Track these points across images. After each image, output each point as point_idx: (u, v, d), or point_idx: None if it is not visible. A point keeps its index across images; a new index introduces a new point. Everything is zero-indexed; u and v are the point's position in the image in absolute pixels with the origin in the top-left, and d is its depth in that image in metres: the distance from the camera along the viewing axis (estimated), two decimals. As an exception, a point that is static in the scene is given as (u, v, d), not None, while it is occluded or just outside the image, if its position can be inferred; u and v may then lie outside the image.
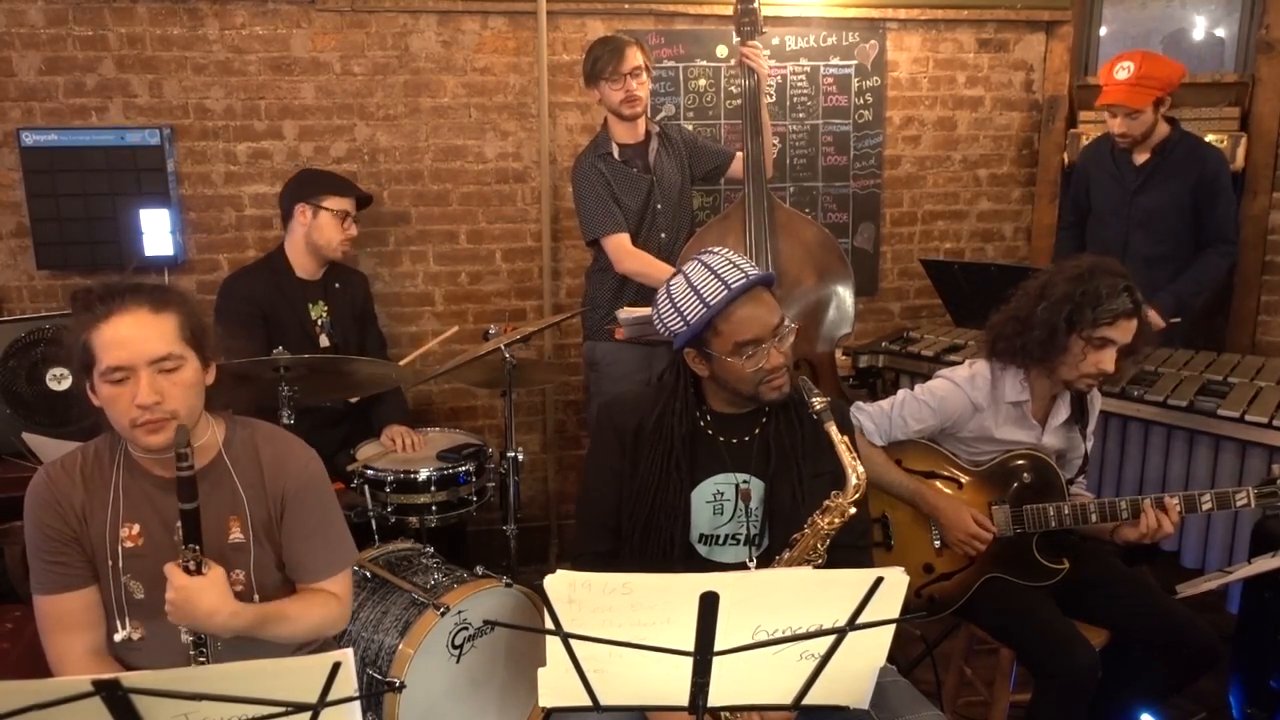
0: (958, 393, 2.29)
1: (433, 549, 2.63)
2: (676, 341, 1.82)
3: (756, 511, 1.86)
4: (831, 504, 1.75)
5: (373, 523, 2.74)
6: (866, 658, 1.37)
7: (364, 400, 3.02)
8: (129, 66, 3.31)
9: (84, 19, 3.25)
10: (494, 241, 3.69)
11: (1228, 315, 3.80)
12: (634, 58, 2.99)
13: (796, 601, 1.29)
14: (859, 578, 1.27)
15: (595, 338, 3.19)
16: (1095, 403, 2.41)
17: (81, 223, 3.26)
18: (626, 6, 3.57)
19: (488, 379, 3.09)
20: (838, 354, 3.27)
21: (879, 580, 1.26)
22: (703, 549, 1.88)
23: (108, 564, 1.67)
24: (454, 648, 2.35)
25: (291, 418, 2.52)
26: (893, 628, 1.33)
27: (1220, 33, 3.96)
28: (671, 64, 3.66)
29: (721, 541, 1.88)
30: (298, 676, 1.13)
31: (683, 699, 1.34)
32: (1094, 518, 2.23)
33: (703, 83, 3.70)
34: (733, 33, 3.17)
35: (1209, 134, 3.61)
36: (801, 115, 3.80)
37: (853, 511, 1.75)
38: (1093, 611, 2.29)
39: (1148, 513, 2.17)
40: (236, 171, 3.45)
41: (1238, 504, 2.16)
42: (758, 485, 1.86)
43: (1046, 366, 2.22)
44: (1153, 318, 3.08)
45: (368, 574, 2.47)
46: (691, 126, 3.59)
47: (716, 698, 1.35)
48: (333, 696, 1.14)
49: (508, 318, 3.68)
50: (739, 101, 3.45)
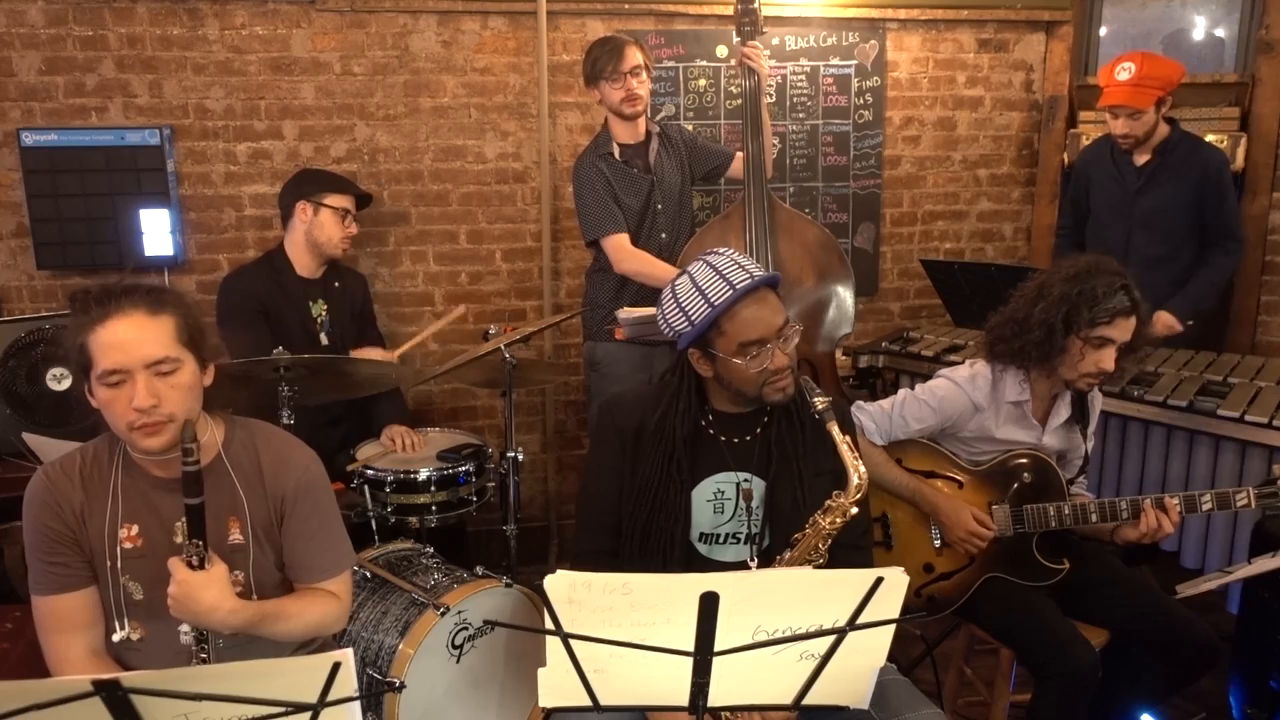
0: (958, 392, 2.30)
1: (433, 549, 2.64)
2: (681, 342, 1.82)
3: (757, 511, 1.86)
4: (833, 504, 1.75)
5: (373, 523, 2.74)
6: (866, 658, 1.37)
7: (364, 400, 3.02)
8: (129, 66, 3.31)
9: (84, 19, 3.25)
10: (494, 241, 3.69)
11: (1228, 315, 3.80)
12: (633, 57, 2.99)
13: (796, 601, 1.29)
14: (859, 578, 1.27)
15: (595, 338, 3.19)
16: (1096, 403, 2.41)
17: (81, 223, 3.26)
18: (626, 6, 3.57)
19: (488, 379, 3.09)
20: (838, 354, 3.27)
21: (879, 580, 1.26)
22: (703, 548, 1.88)
23: (106, 564, 1.66)
24: (454, 648, 2.35)
25: (291, 418, 2.52)
26: (893, 628, 1.33)
27: (1220, 33, 3.96)
28: (671, 64, 3.66)
29: (722, 540, 1.88)
30: (298, 676, 1.14)
31: (683, 699, 1.34)
32: (1094, 518, 2.23)
33: (703, 83, 3.70)
34: (733, 33, 3.17)
35: (1209, 134, 3.61)
36: (801, 115, 3.80)
37: (854, 511, 1.75)
38: (1093, 611, 2.29)
39: (1148, 513, 2.17)
40: (236, 171, 3.45)
41: (1238, 504, 2.15)
42: (759, 484, 1.86)
43: (1046, 367, 2.22)
44: (1169, 322, 3.10)
45: (368, 574, 2.47)
46: (691, 126, 3.59)
47: (716, 698, 1.35)
48: (333, 696, 1.14)
49: (508, 318, 3.68)
50: (739, 101, 3.45)
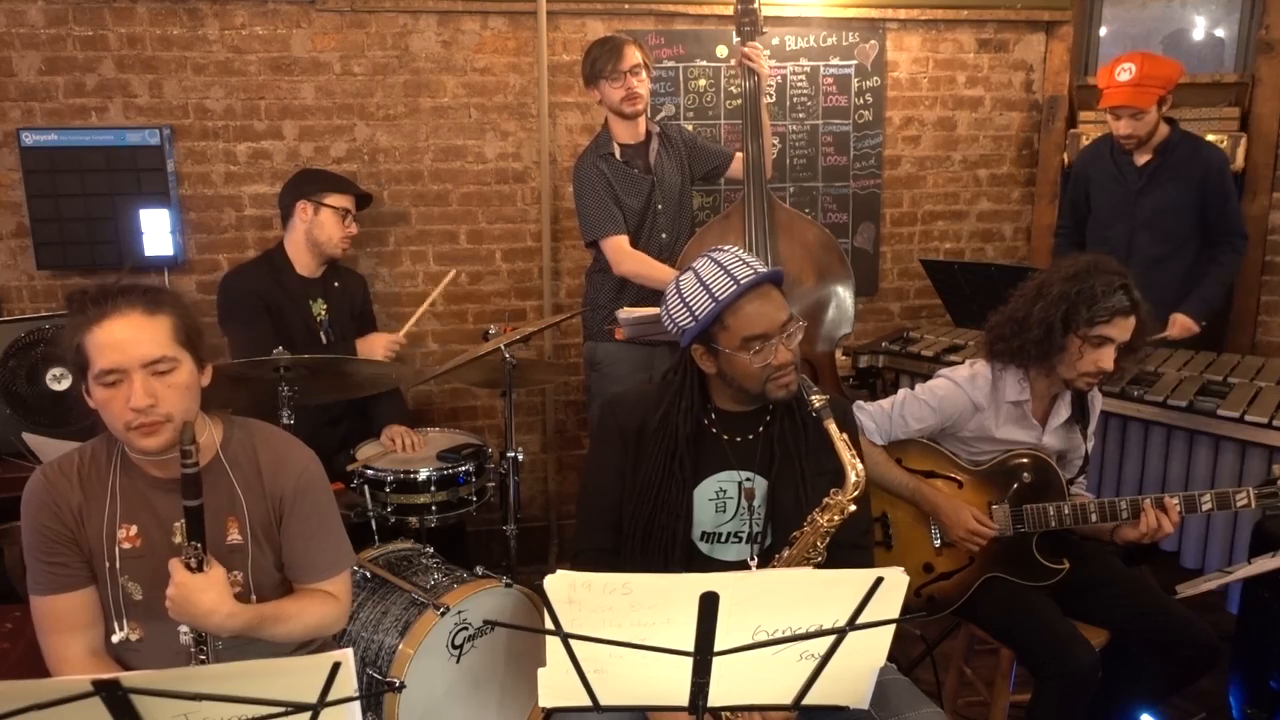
0: (958, 392, 2.30)
1: (433, 549, 2.63)
2: (684, 338, 1.82)
3: (759, 510, 1.86)
4: (831, 501, 1.75)
5: (373, 523, 2.74)
6: (866, 658, 1.37)
7: (364, 400, 3.02)
8: (129, 66, 3.31)
9: (84, 19, 3.25)
10: (494, 241, 3.69)
11: (1228, 315, 3.80)
12: (633, 56, 2.98)
13: (796, 602, 1.29)
14: (859, 578, 1.27)
15: (595, 338, 3.19)
16: (1096, 403, 2.41)
17: (81, 223, 3.25)
18: (626, 6, 3.57)
19: (488, 379, 3.09)
20: (838, 354, 3.27)
21: (879, 580, 1.26)
22: (704, 546, 1.88)
23: (105, 565, 1.66)
24: (454, 648, 2.35)
25: (291, 418, 2.52)
26: (893, 628, 1.32)
27: (1220, 33, 3.96)
28: (671, 64, 3.66)
29: (724, 539, 1.88)
30: (298, 676, 1.13)
31: (683, 699, 1.34)
32: (1094, 518, 2.23)
33: (703, 83, 3.70)
34: (733, 33, 3.17)
35: (1209, 134, 3.61)
36: (801, 115, 3.80)
37: (852, 509, 1.75)
38: (1093, 611, 2.29)
39: (1148, 513, 2.17)
40: (236, 171, 3.45)
41: (1238, 504, 2.15)
42: (761, 483, 1.86)
43: (1045, 366, 2.22)
44: (1187, 325, 3.12)
45: (368, 574, 2.47)
46: (691, 126, 3.59)
47: (716, 698, 1.35)
48: (333, 696, 1.14)
49: (508, 318, 3.68)
50: (739, 101, 3.45)
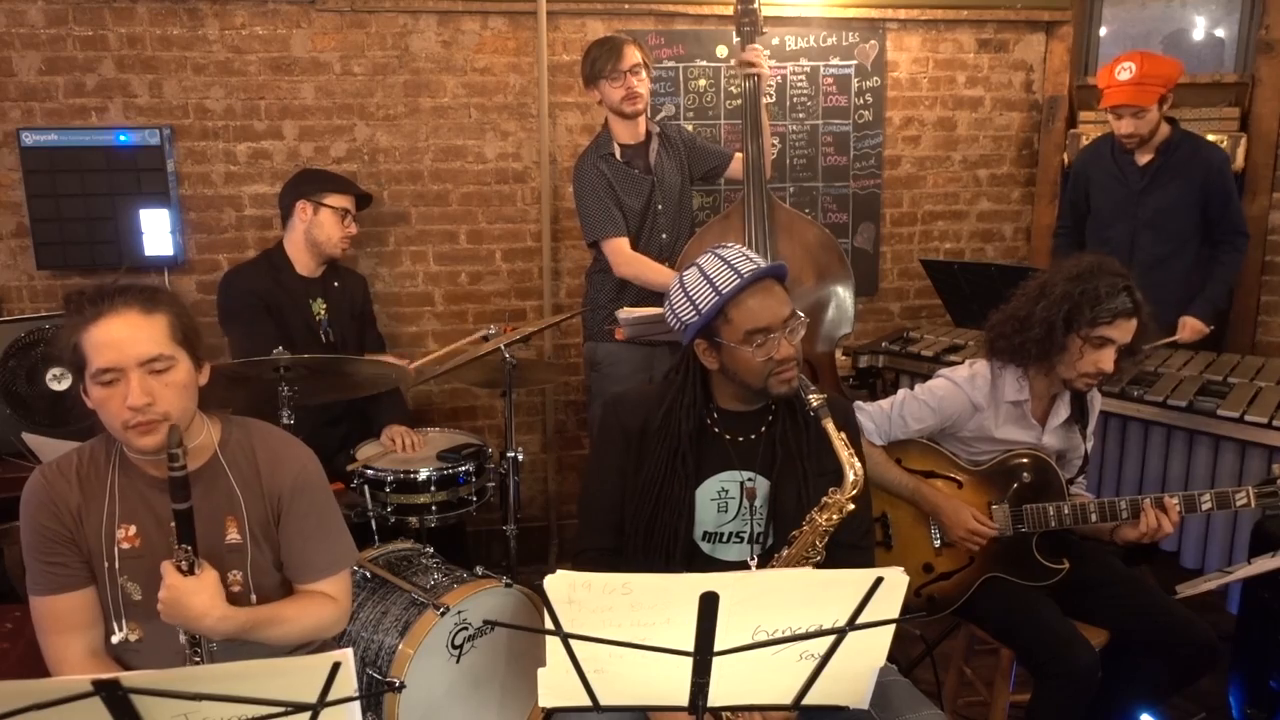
0: (957, 392, 2.29)
1: (433, 549, 2.63)
2: (687, 333, 1.82)
3: (761, 510, 1.86)
4: (830, 500, 1.75)
5: (373, 523, 2.74)
6: (866, 658, 1.37)
7: (364, 400, 3.02)
8: (129, 66, 3.31)
9: (84, 19, 3.25)
10: (494, 241, 3.69)
11: (1228, 315, 3.80)
12: (632, 55, 2.98)
13: (796, 602, 1.29)
14: (859, 578, 1.27)
15: (595, 338, 3.19)
16: (1095, 403, 2.41)
17: (81, 223, 3.26)
18: (626, 7, 3.57)
19: (488, 379, 3.09)
20: (838, 354, 3.27)
21: (879, 580, 1.26)
22: (706, 546, 1.88)
23: (104, 565, 1.66)
24: (454, 648, 2.35)
25: (291, 418, 2.52)
26: (892, 628, 1.32)
27: (1220, 33, 3.96)
28: (671, 64, 3.66)
29: (725, 539, 1.88)
30: (298, 676, 1.13)
31: (683, 699, 1.34)
32: (1094, 518, 2.23)
33: (703, 83, 3.70)
34: (733, 33, 3.17)
35: (1209, 134, 3.61)
36: (801, 115, 3.80)
37: (851, 508, 1.75)
38: (1093, 611, 2.29)
39: (1147, 513, 2.17)
40: (236, 171, 3.45)
41: (1237, 504, 2.15)
42: (763, 483, 1.86)
43: (1045, 366, 2.22)
44: (1197, 327, 3.13)
45: (368, 574, 2.47)
46: (691, 127, 3.59)
47: (716, 698, 1.35)
48: (332, 696, 1.14)
49: (508, 318, 3.68)
50: (739, 102, 3.45)
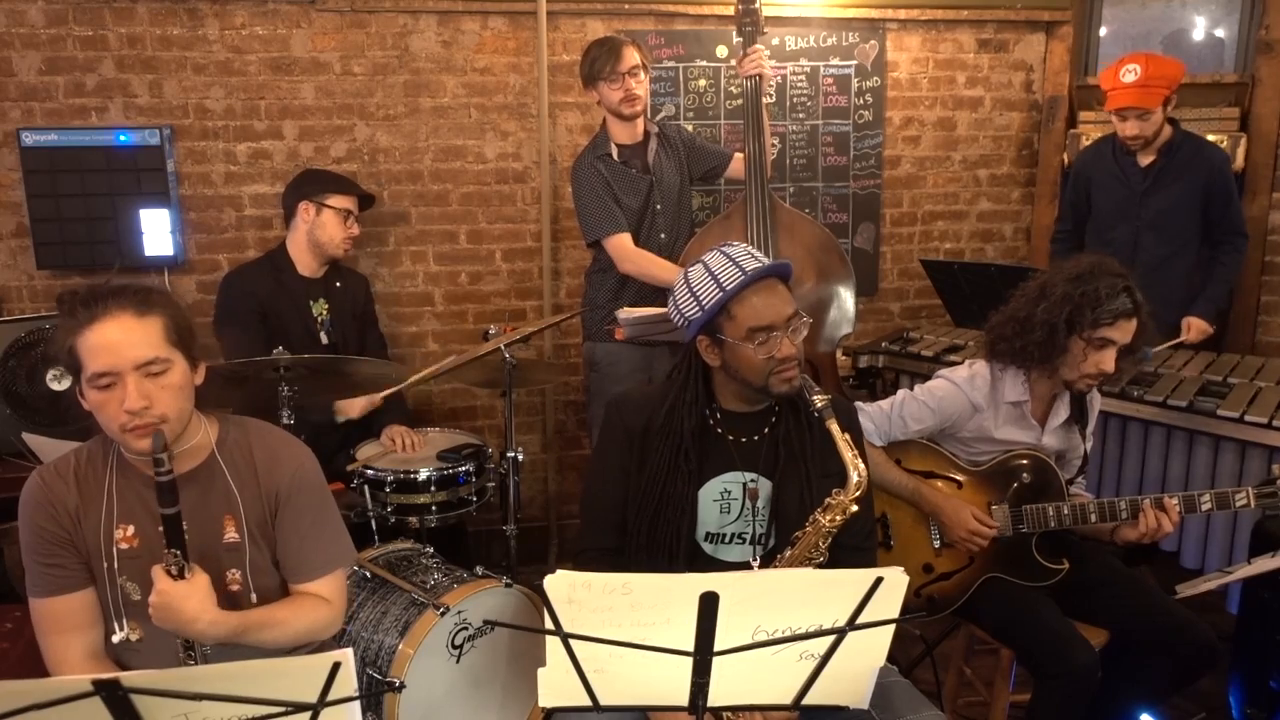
0: (957, 393, 2.29)
1: (433, 549, 2.63)
2: (690, 329, 1.82)
3: (763, 511, 1.86)
4: (833, 501, 1.75)
5: (373, 523, 2.74)
6: (866, 658, 1.37)
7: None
8: (129, 66, 3.31)
9: (84, 19, 3.25)
10: (494, 241, 3.69)
11: (1228, 315, 3.80)
12: (631, 57, 2.98)
13: (796, 602, 1.29)
14: (859, 578, 1.27)
15: (595, 338, 3.19)
16: (1095, 403, 2.41)
17: (81, 223, 3.26)
18: (626, 7, 3.57)
19: (488, 379, 3.09)
20: (838, 354, 3.27)
21: (879, 580, 1.26)
22: (708, 547, 1.88)
23: (103, 566, 1.66)
24: (454, 648, 2.35)
25: (291, 418, 2.52)
26: (892, 628, 1.32)
27: (1220, 33, 3.96)
28: (671, 64, 3.66)
29: (728, 540, 1.88)
30: (298, 676, 1.13)
31: (683, 699, 1.34)
32: (1093, 518, 2.23)
33: (703, 83, 3.70)
34: (734, 33, 3.17)
35: (1209, 134, 3.61)
36: (801, 115, 3.80)
37: (854, 509, 1.75)
38: (1093, 611, 2.29)
39: (1147, 513, 2.17)
40: (236, 171, 3.45)
41: (1237, 504, 2.15)
42: (765, 484, 1.86)
43: (1047, 367, 2.22)
44: (1202, 327, 3.15)
45: (368, 574, 2.47)
46: (691, 127, 3.59)
47: (716, 698, 1.35)
48: (332, 696, 1.14)
49: (508, 318, 3.68)
50: (739, 102, 3.45)
